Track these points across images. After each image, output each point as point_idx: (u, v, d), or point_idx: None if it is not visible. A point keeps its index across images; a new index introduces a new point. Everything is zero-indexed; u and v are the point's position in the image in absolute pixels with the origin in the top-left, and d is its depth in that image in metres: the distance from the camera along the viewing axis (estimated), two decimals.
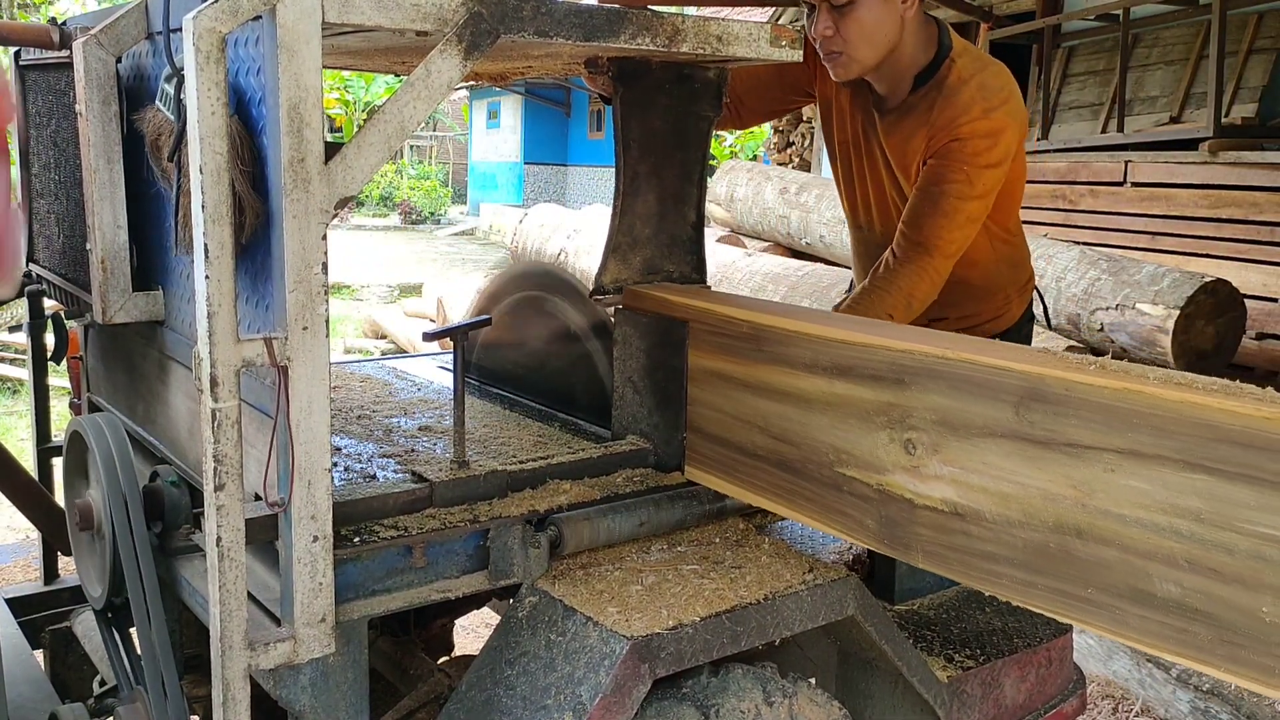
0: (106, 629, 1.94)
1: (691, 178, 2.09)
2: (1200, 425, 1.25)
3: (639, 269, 2.08)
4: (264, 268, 1.49)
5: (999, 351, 1.53)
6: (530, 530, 1.75)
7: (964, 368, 1.49)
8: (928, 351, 1.54)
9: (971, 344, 1.60)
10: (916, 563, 1.62)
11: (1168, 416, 1.27)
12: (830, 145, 2.51)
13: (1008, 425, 1.44)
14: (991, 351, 1.52)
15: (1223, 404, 1.23)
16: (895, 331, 1.70)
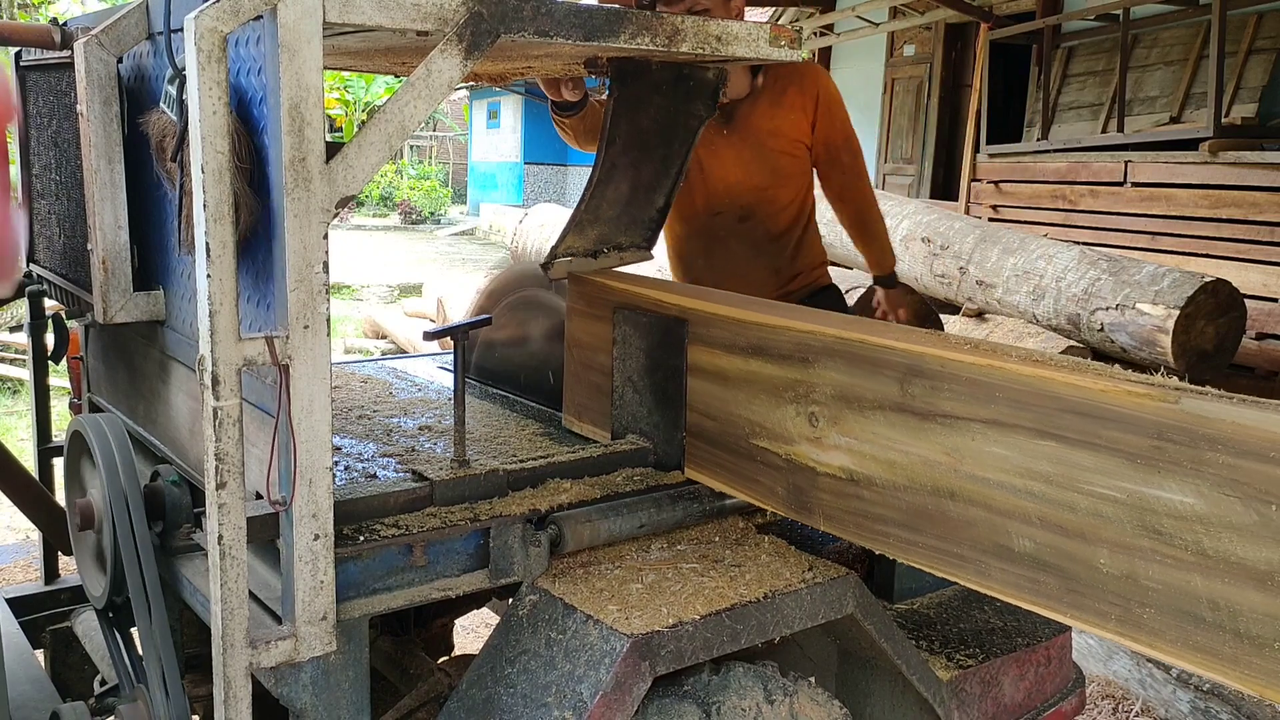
0: (107, 628, 1.94)
1: (669, 170, 2.11)
2: (1049, 397, 1.39)
3: (593, 240, 2.12)
4: (265, 267, 1.49)
5: (887, 331, 1.68)
6: (531, 529, 1.75)
7: (857, 347, 1.63)
8: (828, 332, 1.68)
9: (864, 325, 1.76)
10: (818, 525, 1.75)
11: (1023, 390, 1.42)
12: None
13: (894, 399, 1.59)
14: (880, 332, 1.67)
15: (1067, 378, 1.37)
16: (800, 314, 1.84)
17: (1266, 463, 1.21)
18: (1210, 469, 1.26)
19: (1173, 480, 1.29)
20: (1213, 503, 1.26)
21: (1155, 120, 7.00)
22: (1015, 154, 7.87)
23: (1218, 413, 1.25)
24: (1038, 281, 5.41)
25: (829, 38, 10.68)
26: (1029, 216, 7.49)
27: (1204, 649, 1.30)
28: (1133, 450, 1.32)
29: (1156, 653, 1.35)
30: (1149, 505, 1.32)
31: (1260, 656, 1.25)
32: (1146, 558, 1.33)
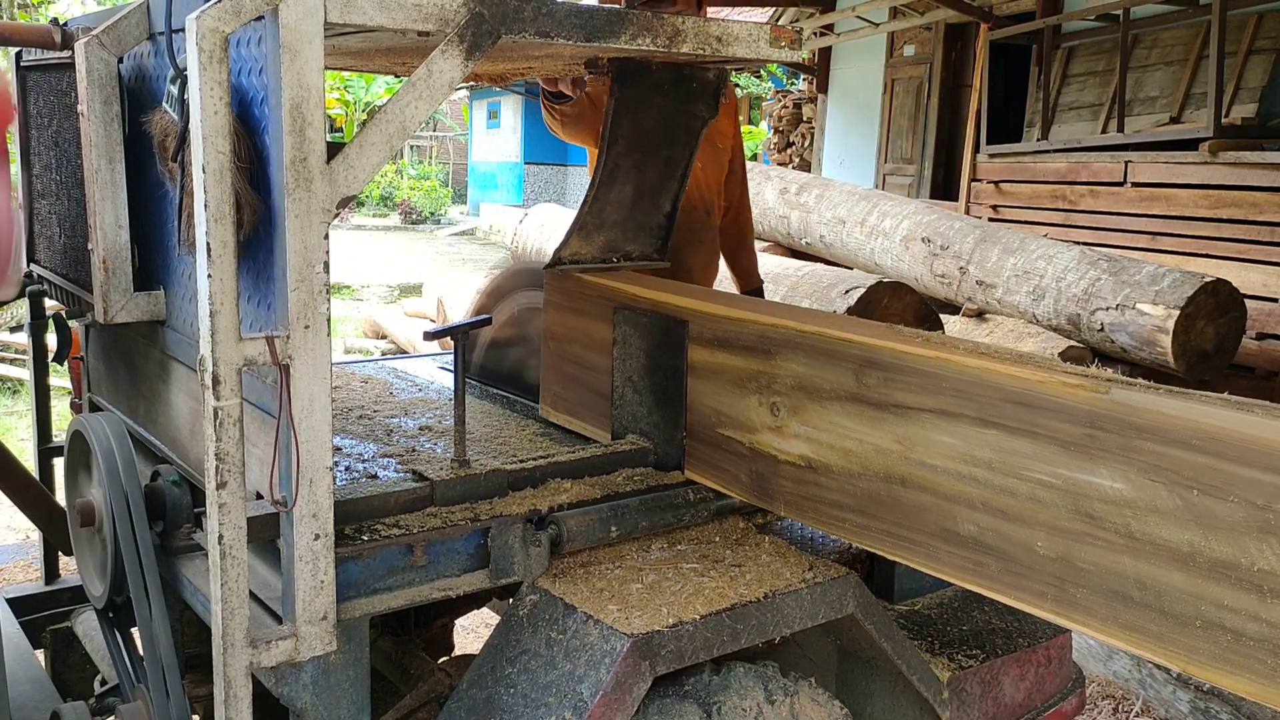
0: (108, 628, 1.95)
1: (674, 173, 2.12)
2: (992, 388, 1.46)
3: (600, 247, 2.12)
4: (266, 267, 1.49)
5: (844, 325, 1.76)
6: (531, 529, 1.75)
7: (817, 339, 1.70)
8: (789, 325, 1.75)
9: (822, 319, 1.83)
10: (779, 512, 1.83)
11: (968, 380, 1.49)
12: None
13: (850, 389, 1.66)
14: (838, 325, 1.75)
15: (1008, 369, 1.45)
16: (764, 307, 1.91)
17: (1188, 450, 1.27)
18: (1138, 456, 1.32)
19: (1104, 467, 1.35)
20: (1140, 488, 1.32)
21: (1155, 120, 7.00)
22: (1015, 154, 7.87)
23: (1144, 402, 1.32)
24: (1038, 281, 5.41)
25: (829, 38, 10.68)
26: (1029, 216, 7.49)
27: (1132, 627, 1.36)
28: (1067, 438, 1.39)
29: (1089, 631, 1.41)
30: (1082, 491, 1.38)
31: (1183, 634, 1.31)
32: (1080, 540, 1.39)
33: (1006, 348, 1.60)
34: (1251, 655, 1.27)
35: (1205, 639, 1.30)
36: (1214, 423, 1.26)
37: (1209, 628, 1.30)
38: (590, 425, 2.17)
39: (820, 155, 11.25)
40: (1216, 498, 1.26)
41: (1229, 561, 1.27)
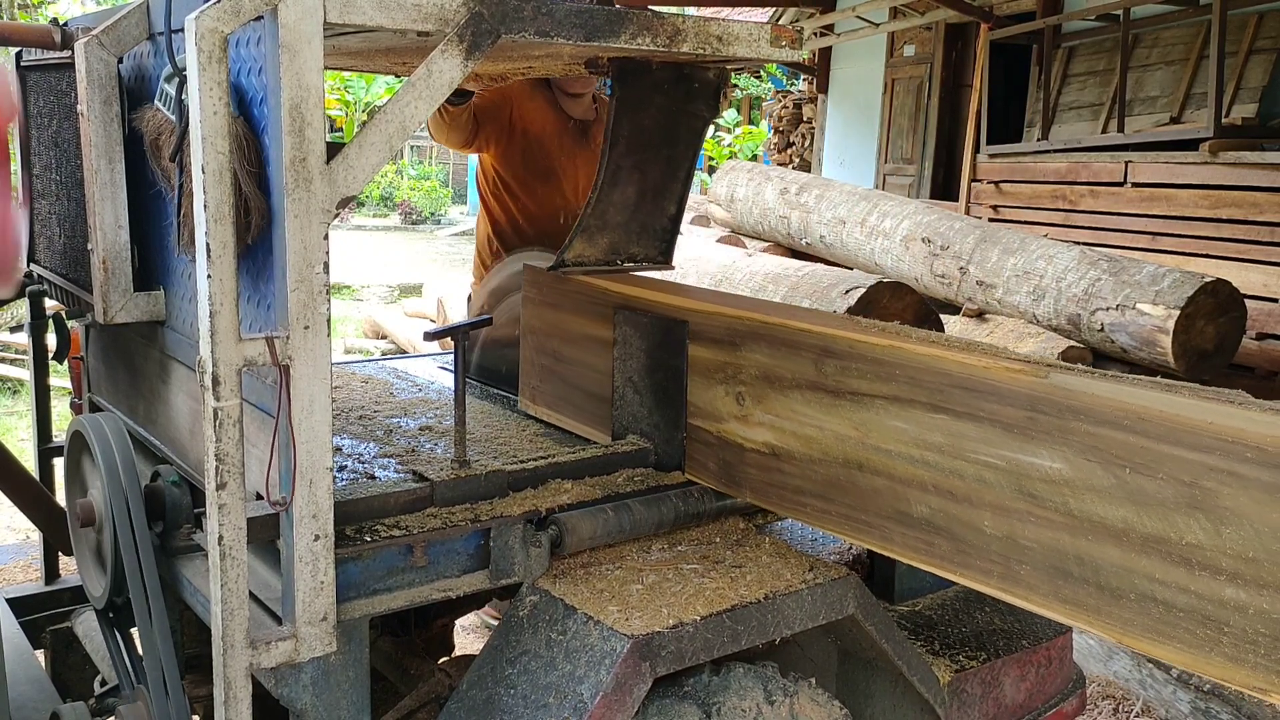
0: (108, 628, 1.94)
1: (676, 174, 2.12)
2: (941, 374, 1.52)
3: (604, 249, 2.13)
4: (265, 267, 1.49)
5: (804, 315, 1.83)
6: (531, 529, 1.75)
7: (779, 330, 1.76)
8: (753, 317, 1.81)
9: (784, 310, 1.89)
10: (745, 498, 1.88)
11: (919, 368, 1.55)
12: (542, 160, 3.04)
13: (810, 378, 1.72)
14: (799, 316, 1.81)
15: (956, 356, 1.51)
16: (731, 300, 1.96)
17: (1120, 430, 1.33)
18: (1074, 437, 1.38)
19: (1044, 448, 1.41)
20: (1077, 468, 1.38)
21: (1156, 120, 7.00)
22: (1015, 154, 7.86)
23: (1080, 386, 1.38)
24: (1038, 282, 5.40)
25: (829, 38, 10.68)
26: (1029, 217, 7.49)
27: (1071, 601, 1.42)
28: (1010, 421, 1.45)
29: (1031, 605, 1.47)
30: (1024, 471, 1.44)
31: (1118, 606, 1.37)
32: (1023, 519, 1.45)
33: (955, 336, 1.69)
34: (1181, 626, 1.31)
35: (1138, 611, 1.35)
36: (1142, 404, 1.32)
37: (1142, 600, 1.35)
38: (568, 418, 2.21)
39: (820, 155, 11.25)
40: (1147, 475, 1.32)
41: (1159, 536, 1.32)
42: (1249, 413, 1.25)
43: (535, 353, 2.30)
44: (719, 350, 1.87)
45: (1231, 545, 1.26)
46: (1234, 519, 1.25)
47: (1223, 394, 1.33)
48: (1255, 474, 1.23)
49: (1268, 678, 1.25)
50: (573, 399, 2.19)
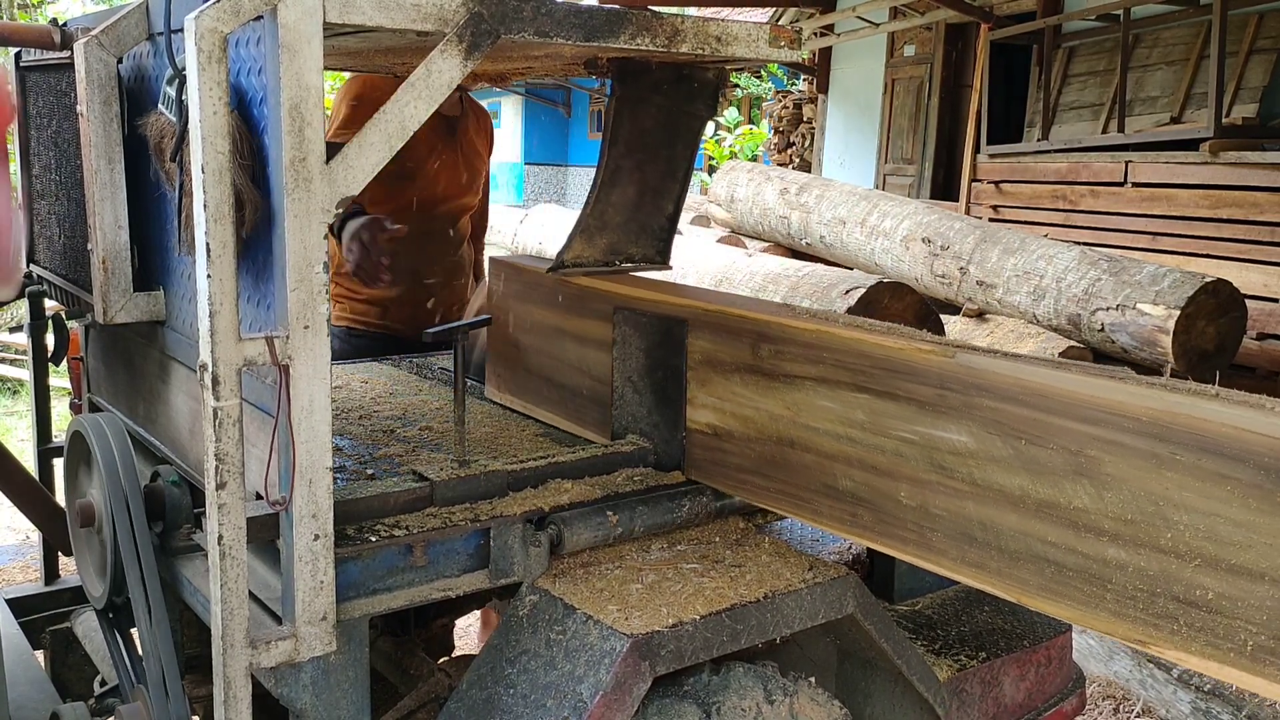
0: (107, 629, 1.94)
1: (675, 174, 2.12)
2: (862, 356, 1.63)
3: (603, 250, 2.13)
4: (265, 267, 1.49)
5: (743, 303, 1.93)
6: (531, 529, 1.75)
7: (719, 316, 1.87)
8: (698, 305, 1.92)
9: (724, 298, 1.99)
10: (692, 477, 1.96)
11: (844, 350, 1.66)
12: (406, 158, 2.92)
13: (748, 361, 1.81)
14: (739, 304, 1.92)
15: (876, 339, 1.62)
16: (677, 290, 2.05)
17: (1018, 405, 1.44)
18: (978, 412, 1.49)
19: (951, 423, 1.52)
20: (980, 440, 1.49)
21: (1156, 120, 7.00)
22: (1016, 154, 7.87)
23: (982, 364, 1.49)
24: (1038, 282, 5.41)
25: (829, 38, 10.68)
26: (1029, 217, 7.49)
27: (977, 564, 1.52)
28: (923, 399, 1.55)
29: (942, 570, 1.57)
30: (936, 445, 1.54)
31: (1017, 568, 1.47)
32: (934, 490, 1.56)
33: (877, 321, 1.80)
34: (1071, 584, 1.41)
35: (1034, 572, 1.45)
36: (1036, 380, 1.42)
37: (1036, 561, 1.45)
38: (531, 404, 2.33)
39: (820, 155, 11.25)
40: (1040, 446, 1.42)
41: (1051, 502, 1.42)
42: (1128, 386, 1.36)
43: (501, 343, 2.44)
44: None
45: (1113, 508, 1.36)
46: (1115, 484, 1.35)
47: (1106, 370, 1.43)
48: (1133, 442, 1.33)
49: (1145, 630, 1.35)
50: (537, 388, 2.31)
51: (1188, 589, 1.30)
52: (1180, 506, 1.30)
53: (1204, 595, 1.29)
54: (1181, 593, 1.31)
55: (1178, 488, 1.30)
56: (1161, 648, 1.35)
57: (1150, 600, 1.34)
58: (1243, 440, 1.24)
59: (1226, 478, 1.25)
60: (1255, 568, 1.24)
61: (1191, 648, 1.32)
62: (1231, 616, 1.27)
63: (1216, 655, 1.30)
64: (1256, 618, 1.25)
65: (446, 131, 3.00)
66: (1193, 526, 1.29)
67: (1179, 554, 1.31)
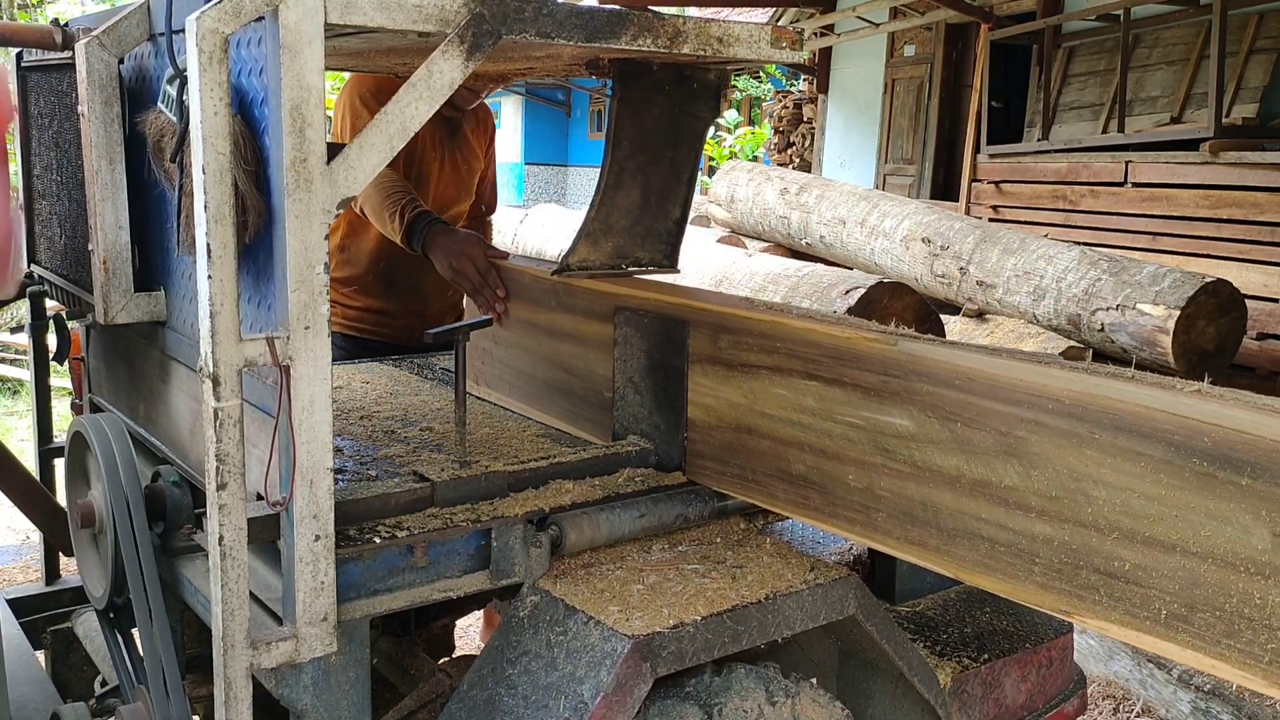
0: (108, 629, 1.94)
1: (680, 176, 2.12)
2: (813, 345, 1.70)
3: (609, 253, 2.13)
4: (266, 268, 1.49)
5: (702, 296, 2.00)
6: (532, 530, 1.75)
7: (681, 310, 1.96)
8: (660, 299, 1.99)
9: (685, 292, 2.05)
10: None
11: (796, 340, 1.73)
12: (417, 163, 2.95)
13: (709, 352, 1.89)
14: (699, 297, 1.99)
15: (824, 329, 1.70)
16: (642, 285, 2.11)
17: (953, 389, 1.51)
18: (918, 397, 1.56)
19: (894, 407, 1.59)
20: (920, 423, 1.56)
21: (1156, 120, 7.00)
22: (1016, 154, 7.87)
23: (922, 351, 1.56)
24: (1038, 282, 5.41)
25: (829, 38, 10.68)
26: (1029, 217, 7.49)
27: (918, 542, 1.60)
28: (868, 385, 1.63)
29: (887, 548, 1.65)
30: (880, 429, 1.62)
31: (953, 545, 1.54)
32: (879, 472, 1.63)
33: (828, 313, 1.90)
34: (1003, 559, 1.49)
35: (969, 548, 1.53)
36: (969, 365, 1.50)
37: (971, 538, 1.52)
38: (505, 396, 2.44)
39: (820, 155, 11.25)
40: (973, 428, 1.49)
41: (983, 481, 1.49)
42: (1051, 370, 1.43)
43: (480, 339, 2.54)
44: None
45: (1039, 486, 1.43)
46: (1040, 463, 1.42)
47: (1033, 355, 1.52)
48: (1055, 422, 1.40)
49: (1070, 601, 1.42)
50: (507, 379, 2.44)
51: (1107, 561, 1.37)
52: (1099, 483, 1.36)
53: (1122, 566, 1.36)
54: (1102, 564, 1.38)
55: (1096, 465, 1.36)
56: (1084, 617, 1.41)
57: (1074, 572, 1.40)
58: (1153, 419, 1.30)
59: (1140, 454, 1.32)
60: (1167, 539, 1.31)
61: (1111, 616, 1.38)
62: (1147, 586, 1.34)
63: (1134, 624, 1.36)
64: (1169, 587, 1.31)
65: (448, 133, 2.99)
66: (1110, 502, 1.36)
67: (1099, 528, 1.37)
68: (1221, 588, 1.27)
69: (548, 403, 2.30)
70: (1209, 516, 1.27)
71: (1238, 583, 1.25)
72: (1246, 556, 1.24)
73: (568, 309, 2.20)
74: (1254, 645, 1.25)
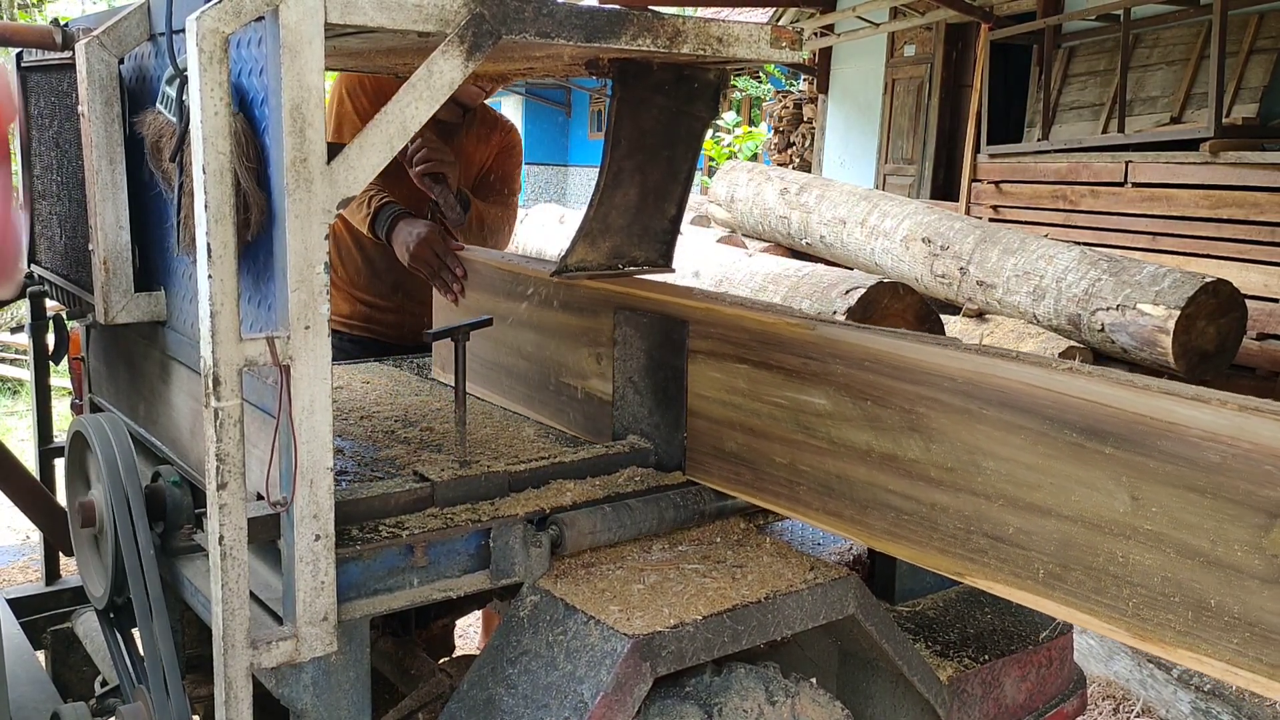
0: (108, 629, 1.94)
1: (677, 176, 2.12)
2: (743, 330, 1.83)
3: (606, 253, 2.14)
4: (266, 267, 1.49)
5: (646, 287, 2.09)
6: (532, 529, 1.75)
7: (625, 298, 2.06)
8: (608, 288, 2.10)
9: (633, 283, 2.14)
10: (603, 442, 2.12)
11: (729, 326, 1.85)
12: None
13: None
14: (642, 287, 2.09)
15: (754, 315, 1.82)
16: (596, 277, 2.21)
17: (864, 370, 1.64)
18: (833, 377, 1.69)
19: (813, 388, 1.72)
20: (836, 402, 1.69)
21: (1156, 120, 7.00)
22: (1016, 154, 7.87)
23: (836, 334, 1.70)
24: (1038, 282, 5.41)
25: (829, 38, 10.68)
26: (1029, 217, 7.49)
27: (835, 513, 1.72)
28: (791, 367, 1.75)
29: (808, 519, 1.78)
30: (802, 408, 1.74)
31: (866, 515, 1.67)
32: (801, 448, 1.75)
33: (757, 300, 2.03)
34: (908, 527, 1.61)
35: (879, 517, 1.65)
36: (878, 347, 1.62)
37: (881, 508, 1.64)
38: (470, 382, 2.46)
39: (820, 155, 11.25)
40: (882, 406, 1.62)
41: (891, 454, 1.61)
42: (948, 351, 1.55)
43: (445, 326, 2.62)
44: (584, 317, 2.18)
45: (938, 458, 1.55)
46: (939, 437, 1.54)
47: (934, 339, 1.64)
48: (951, 400, 1.52)
49: (964, 564, 1.54)
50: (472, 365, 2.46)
51: (995, 526, 1.49)
52: (988, 454, 1.48)
53: (1007, 531, 1.48)
54: (991, 529, 1.49)
55: (986, 438, 1.48)
56: (976, 578, 1.53)
57: (967, 537, 1.52)
58: (1032, 395, 1.43)
59: (1021, 428, 1.44)
60: (1044, 505, 1.43)
61: (998, 577, 1.50)
62: (1028, 548, 1.46)
63: (1017, 583, 1.48)
64: (1047, 548, 1.43)
65: (443, 136, 2.97)
66: (998, 471, 1.48)
67: (988, 496, 1.49)
68: (1090, 548, 1.39)
69: (506, 388, 2.43)
70: (1078, 483, 1.39)
71: (1104, 543, 1.37)
72: (1110, 519, 1.36)
73: (524, 299, 2.33)
74: (1118, 600, 1.37)
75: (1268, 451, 1.22)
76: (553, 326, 2.26)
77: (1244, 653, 1.27)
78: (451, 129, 3.02)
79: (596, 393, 2.16)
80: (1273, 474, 1.22)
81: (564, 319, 2.22)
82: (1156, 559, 1.32)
